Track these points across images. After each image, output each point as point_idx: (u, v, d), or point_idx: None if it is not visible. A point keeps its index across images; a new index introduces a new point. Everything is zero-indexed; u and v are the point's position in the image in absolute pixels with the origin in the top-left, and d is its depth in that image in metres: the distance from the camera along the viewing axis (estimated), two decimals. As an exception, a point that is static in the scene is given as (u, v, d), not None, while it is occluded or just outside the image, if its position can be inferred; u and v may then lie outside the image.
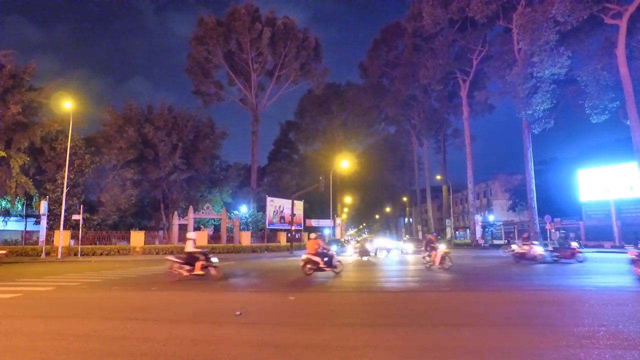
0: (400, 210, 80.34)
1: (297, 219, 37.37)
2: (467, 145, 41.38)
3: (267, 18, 41.28)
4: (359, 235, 47.38)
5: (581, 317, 6.45)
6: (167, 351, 4.77)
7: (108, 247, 26.39)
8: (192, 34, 40.90)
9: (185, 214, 31.16)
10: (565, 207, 38.42)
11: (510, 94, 31.17)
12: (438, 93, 45.08)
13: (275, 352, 4.71)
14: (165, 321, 6.51)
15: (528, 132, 32.83)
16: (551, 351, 4.52)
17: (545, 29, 26.43)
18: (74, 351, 4.81)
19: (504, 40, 34.56)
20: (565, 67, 27.15)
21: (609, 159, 33.02)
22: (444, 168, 54.52)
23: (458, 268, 15.67)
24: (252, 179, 42.64)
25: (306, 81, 45.99)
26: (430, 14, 33.49)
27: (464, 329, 5.69)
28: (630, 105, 25.85)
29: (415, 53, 41.03)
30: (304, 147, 61.78)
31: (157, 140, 30.46)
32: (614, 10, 26.07)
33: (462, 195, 64.78)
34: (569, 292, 9.59)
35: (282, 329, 5.93)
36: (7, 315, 6.97)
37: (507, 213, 53.82)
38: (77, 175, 27.25)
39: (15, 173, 26.19)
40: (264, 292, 10.33)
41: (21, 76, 26.79)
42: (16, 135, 26.36)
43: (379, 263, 20.03)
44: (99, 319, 6.62)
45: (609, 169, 32.73)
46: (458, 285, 11.35)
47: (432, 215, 56.41)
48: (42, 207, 24.30)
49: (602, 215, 34.41)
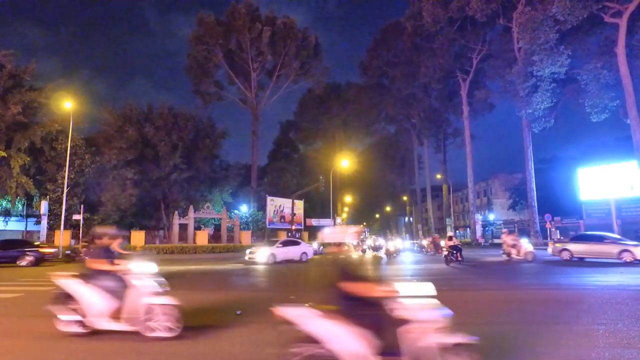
0: (401, 210, 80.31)
1: (297, 219, 37.37)
2: (467, 145, 41.35)
3: (267, 17, 41.29)
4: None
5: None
6: (168, 351, 4.79)
7: (108, 246, 26.35)
8: (192, 34, 40.92)
9: (185, 213, 31.18)
10: (565, 206, 38.37)
11: (510, 93, 31.16)
12: (438, 92, 44.98)
13: (275, 351, 4.72)
14: (165, 320, 6.52)
15: (528, 131, 32.82)
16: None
17: (545, 27, 26.42)
18: (74, 351, 4.83)
19: (504, 39, 34.52)
20: (565, 66, 27.13)
21: (609, 158, 32.95)
22: (444, 167, 54.48)
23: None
24: (252, 178, 42.64)
25: (306, 80, 46.03)
26: (430, 13, 33.46)
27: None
28: (630, 104, 25.83)
29: (415, 52, 40.96)
30: (304, 147, 61.80)
31: (157, 139, 30.48)
32: (613, 9, 26.04)
33: (462, 194, 64.76)
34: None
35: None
36: (9, 315, 7.00)
37: (507, 212, 53.78)
38: (78, 175, 27.27)
39: (15, 173, 26.22)
40: (265, 292, 10.35)
41: (21, 76, 26.83)
42: (16, 135, 26.38)
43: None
44: (99, 319, 6.63)
45: (609, 167, 32.66)
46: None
47: (433, 214, 56.37)
48: (43, 207, 24.35)
49: (603, 214, 34.36)
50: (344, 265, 3.72)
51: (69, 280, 5.34)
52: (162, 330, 5.11)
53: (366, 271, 3.63)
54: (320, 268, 16.68)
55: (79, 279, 5.31)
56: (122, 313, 5.12)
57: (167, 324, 5.13)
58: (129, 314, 5.09)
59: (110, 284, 5.21)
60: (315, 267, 17.29)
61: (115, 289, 5.19)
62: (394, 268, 16.45)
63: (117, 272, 5.26)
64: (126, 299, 5.12)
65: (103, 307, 5.15)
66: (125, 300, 5.12)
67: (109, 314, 5.15)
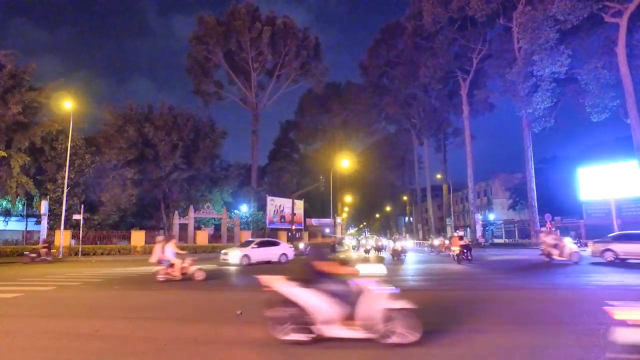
0: (401, 210, 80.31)
1: (297, 218, 37.37)
2: (468, 144, 41.36)
3: (267, 17, 41.30)
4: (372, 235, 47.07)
5: None
6: (169, 350, 4.79)
7: (109, 246, 26.39)
8: (192, 34, 40.90)
9: (185, 213, 31.19)
10: (565, 206, 38.38)
11: (510, 93, 31.15)
12: (438, 92, 44.97)
13: (276, 351, 4.73)
14: (166, 320, 6.54)
15: (528, 130, 32.82)
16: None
17: (546, 27, 26.41)
18: (75, 350, 4.83)
19: (504, 39, 34.51)
20: (565, 65, 27.12)
21: (610, 158, 32.96)
22: (444, 167, 54.50)
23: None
24: (253, 178, 42.64)
25: (306, 80, 45.98)
26: (430, 13, 33.46)
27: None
28: (631, 104, 25.83)
29: (415, 52, 40.97)
30: (304, 147, 61.85)
31: (157, 139, 30.49)
32: (614, 8, 26.03)
33: (462, 194, 64.76)
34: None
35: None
36: (9, 315, 7.00)
37: (507, 212, 53.81)
38: (78, 175, 27.25)
39: (15, 173, 26.20)
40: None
41: (21, 76, 26.79)
42: (17, 135, 26.36)
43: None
44: (100, 318, 6.64)
45: (610, 167, 32.67)
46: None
47: (433, 214, 56.38)
48: (43, 207, 24.32)
49: (603, 214, 34.35)
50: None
51: (289, 285, 4.98)
52: (399, 337, 4.73)
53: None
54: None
55: (298, 283, 4.97)
56: (354, 319, 4.75)
57: (404, 330, 4.74)
58: (364, 319, 4.73)
59: (337, 288, 4.86)
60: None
61: (344, 293, 4.84)
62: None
63: (345, 275, 4.98)
64: (359, 304, 4.76)
65: (333, 313, 4.77)
66: (358, 305, 4.76)
67: (339, 320, 4.78)
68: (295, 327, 4.83)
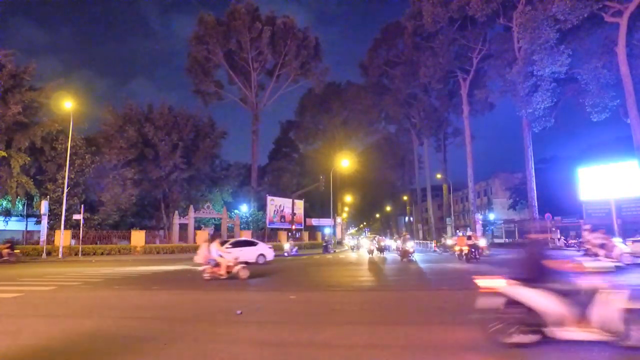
0: (401, 209, 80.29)
1: (297, 218, 37.39)
2: (468, 144, 41.34)
3: (267, 17, 41.30)
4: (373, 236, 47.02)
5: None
6: (169, 350, 4.79)
7: (109, 246, 26.41)
8: (193, 34, 40.93)
9: (185, 213, 31.19)
10: (565, 206, 38.37)
11: (510, 93, 31.14)
12: (438, 92, 44.98)
13: (276, 350, 4.73)
14: (166, 320, 6.54)
15: (528, 130, 32.81)
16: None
17: (546, 27, 26.40)
18: (75, 350, 4.83)
19: (504, 38, 34.49)
20: (565, 65, 27.12)
21: (610, 157, 32.93)
22: (444, 167, 54.46)
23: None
24: (253, 178, 42.65)
25: (306, 80, 46.02)
26: (430, 13, 33.43)
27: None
28: (631, 104, 25.83)
29: (415, 52, 40.96)
30: (304, 146, 61.80)
31: (157, 139, 30.48)
32: (614, 8, 26.04)
33: (462, 194, 64.76)
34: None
35: (283, 328, 5.95)
36: (9, 315, 7.00)
37: (507, 212, 53.81)
38: (78, 175, 27.25)
39: (16, 173, 26.21)
40: (265, 292, 10.35)
41: (21, 76, 26.79)
42: (17, 135, 26.37)
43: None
44: (100, 318, 6.65)
45: (610, 167, 32.64)
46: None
47: (433, 214, 56.40)
48: (43, 206, 24.33)
49: (603, 214, 34.34)
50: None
51: (516, 286, 4.71)
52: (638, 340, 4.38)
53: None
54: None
55: (524, 283, 4.69)
56: (588, 319, 4.45)
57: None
58: (600, 320, 4.41)
59: (567, 287, 4.63)
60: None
61: (575, 291, 4.60)
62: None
63: (571, 272, 4.72)
64: (593, 303, 4.46)
65: (564, 314, 4.50)
66: (591, 305, 4.46)
67: (573, 321, 4.48)
68: (524, 329, 4.57)
